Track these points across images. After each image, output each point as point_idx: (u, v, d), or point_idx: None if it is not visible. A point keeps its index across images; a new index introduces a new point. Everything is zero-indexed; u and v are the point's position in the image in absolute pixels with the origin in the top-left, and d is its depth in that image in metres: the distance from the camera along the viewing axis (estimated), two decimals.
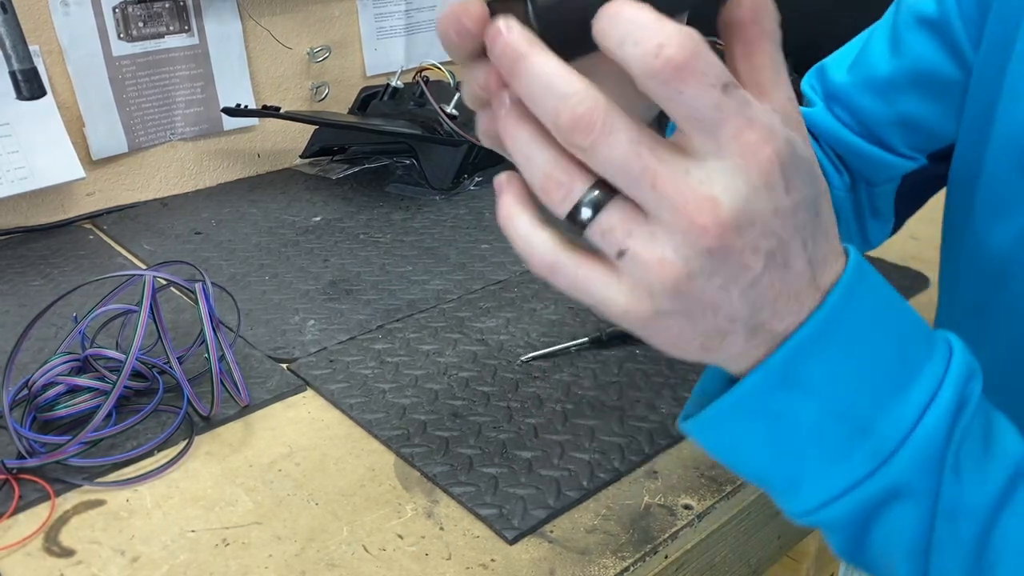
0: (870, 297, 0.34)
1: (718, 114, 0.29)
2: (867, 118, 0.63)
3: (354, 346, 0.79)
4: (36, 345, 0.78)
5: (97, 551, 0.56)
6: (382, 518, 0.59)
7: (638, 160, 0.30)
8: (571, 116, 0.29)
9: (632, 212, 0.31)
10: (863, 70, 0.63)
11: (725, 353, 0.33)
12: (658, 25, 0.28)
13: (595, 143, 0.30)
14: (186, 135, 1.17)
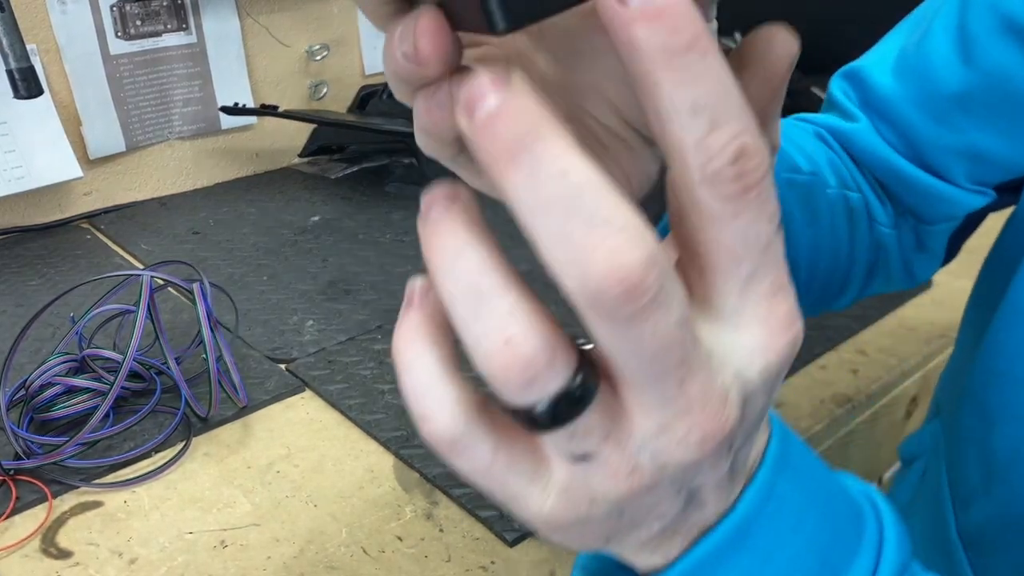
0: (794, 484, 0.27)
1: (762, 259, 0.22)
2: (921, 142, 0.50)
3: (353, 347, 0.79)
4: (33, 345, 0.78)
5: (95, 553, 0.56)
6: (381, 520, 0.59)
7: (681, 349, 0.21)
8: (615, 266, 0.19)
9: (616, 411, 0.22)
10: (919, 80, 0.50)
11: (625, 548, 0.26)
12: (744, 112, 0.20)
13: (641, 316, 0.19)
14: (184, 134, 1.17)
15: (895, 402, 0.79)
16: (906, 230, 0.55)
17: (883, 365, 0.78)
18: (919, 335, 0.83)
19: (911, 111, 0.50)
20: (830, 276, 0.50)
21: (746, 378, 0.22)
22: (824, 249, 0.48)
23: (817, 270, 0.48)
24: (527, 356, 0.20)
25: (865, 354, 0.80)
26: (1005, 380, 0.47)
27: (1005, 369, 0.47)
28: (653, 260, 0.19)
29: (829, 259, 0.49)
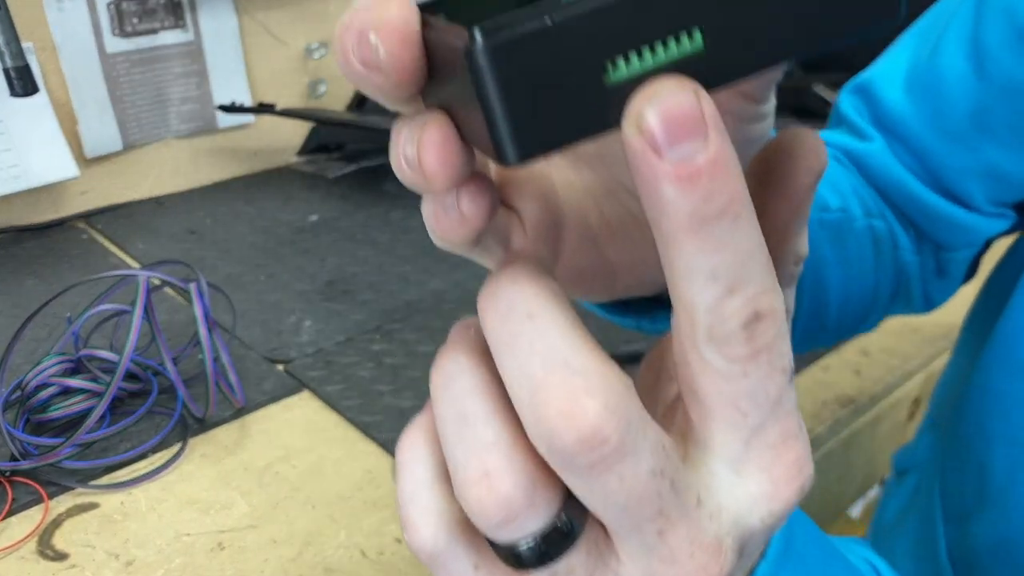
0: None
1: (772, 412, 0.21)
2: (937, 163, 0.48)
3: (351, 347, 0.78)
4: (29, 346, 0.77)
5: (91, 555, 0.55)
6: (380, 521, 0.58)
7: (656, 500, 0.20)
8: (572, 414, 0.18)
9: (602, 553, 0.21)
10: (932, 97, 0.47)
11: None
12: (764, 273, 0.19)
13: (604, 466, 0.19)
14: (181, 133, 1.16)
15: (898, 403, 0.79)
16: (927, 255, 0.53)
17: (886, 366, 0.78)
18: (922, 335, 0.83)
19: (925, 131, 0.48)
20: (857, 307, 0.48)
21: (746, 526, 0.21)
22: (853, 284, 0.47)
23: (847, 305, 0.47)
24: (505, 493, 0.19)
25: (868, 355, 0.80)
26: (1004, 400, 0.46)
27: (1004, 389, 0.45)
28: (613, 408, 0.18)
29: (857, 292, 0.48)
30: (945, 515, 0.50)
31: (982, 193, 0.47)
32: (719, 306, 0.18)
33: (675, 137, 0.16)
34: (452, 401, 0.21)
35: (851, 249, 0.47)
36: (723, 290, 0.18)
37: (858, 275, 0.47)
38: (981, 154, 0.46)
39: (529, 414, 0.19)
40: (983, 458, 0.47)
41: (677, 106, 0.16)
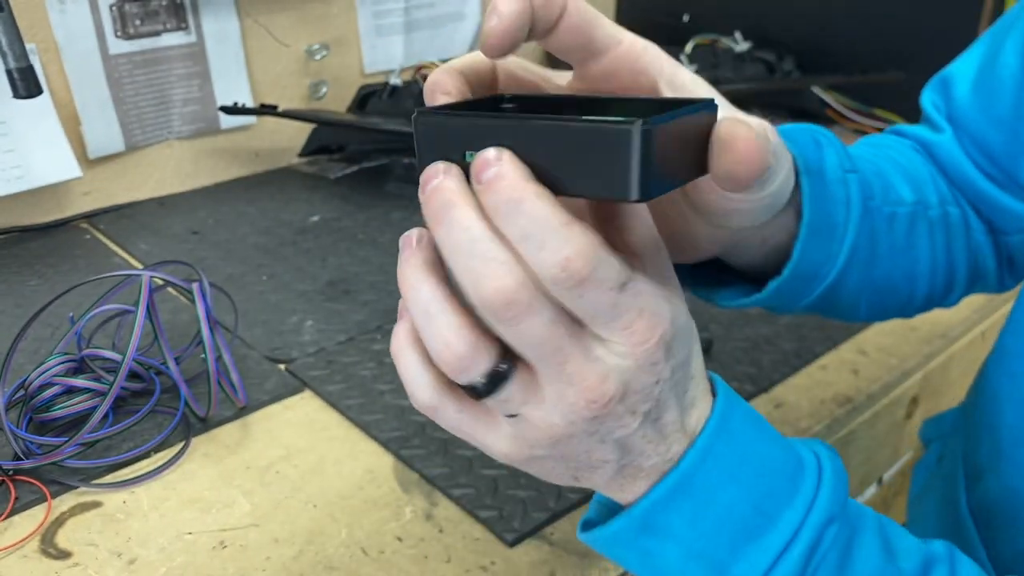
0: (731, 446, 0.35)
1: (614, 311, 0.31)
2: (998, 153, 0.53)
3: (352, 347, 0.78)
4: (32, 346, 0.78)
5: (94, 553, 0.56)
6: (381, 520, 0.58)
7: (555, 341, 0.31)
8: (496, 289, 0.30)
9: (529, 383, 0.32)
10: (990, 90, 0.53)
11: (596, 484, 0.36)
12: (564, 233, 0.29)
13: (517, 320, 0.30)
14: (183, 134, 1.17)
15: (896, 402, 0.79)
16: (999, 242, 0.57)
17: (884, 365, 0.78)
18: (920, 335, 0.83)
19: (987, 124, 0.53)
20: (932, 284, 0.54)
21: (624, 367, 0.32)
22: (923, 265, 0.52)
23: (917, 284, 0.53)
24: (459, 353, 0.31)
25: (866, 354, 0.80)
26: (1014, 360, 0.49)
27: (1015, 349, 0.49)
28: (522, 283, 0.30)
29: (928, 272, 0.53)
30: (965, 474, 0.54)
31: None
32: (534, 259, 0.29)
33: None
34: (417, 303, 0.32)
35: (920, 237, 0.52)
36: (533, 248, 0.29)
37: (928, 257, 0.52)
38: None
39: (472, 292, 0.30)
40: (994, 418, 0.50)
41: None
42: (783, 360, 0.77)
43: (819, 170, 0.44)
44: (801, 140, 0.45)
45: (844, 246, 0.46)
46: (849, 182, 0.46)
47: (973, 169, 0.54)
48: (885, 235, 0.49)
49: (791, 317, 0.84)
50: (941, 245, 0.53)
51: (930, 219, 0.52)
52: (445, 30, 1.42)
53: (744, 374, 0.75)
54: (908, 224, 0.51)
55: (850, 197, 0.46)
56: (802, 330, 0.82)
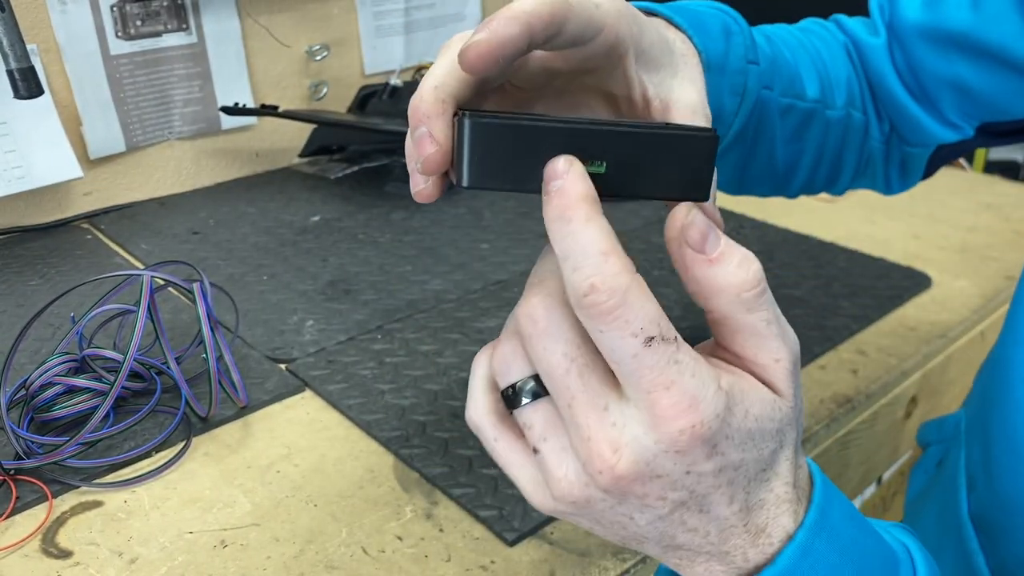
0: (831, 543, 0.33)
1: (635, 364, 0.28)
2: (922, 69, 0.57)
3: (353, 346, 0.79)
4: (33, 345, 0.78)
5: (95, 552, 0.56)
6: (381, 520, 0.59)
7: (564, 376, 0.30)
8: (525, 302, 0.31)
9: (552, 415, 0.31)
10: (935, 15, 0.56)
11: (648, 552, 0.34)
12: (598, 260, 0.28)
13: (532, 339, 0.30)
14: (184, 134, 1.17)
15: (895, 402, 0.79)
16: (894, 147, 0.62)
17: (883, 365, 0.78)
18: (919, 335, 0.83)
19: (920, 41, 0.56)
20: (812, 175, 0.59)
21: (642, 443, 0.29)
22: (807, 157, 0.57)
23: (797, 171, 0.58)
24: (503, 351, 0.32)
25: (865, 354, 0.80)
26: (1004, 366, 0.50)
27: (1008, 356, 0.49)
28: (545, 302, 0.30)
29: (811, 164, 0.58)
30: (968, 480, 0.55)
31: (951, 102, 0.57)
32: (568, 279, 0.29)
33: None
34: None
35: (813, 132, 0.56)
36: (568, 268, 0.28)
37: (816, 150, 0.57)
38: (954, 68, 0.55)
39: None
40: (986, 421, 0.51)
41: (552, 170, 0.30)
42: None
43: (720, 65, 0.47)
44: (713, 31, 0.47)
45: (730, 131, 0.50)
46: (749, 72, 0.49)
47: (896, 79, 0.58)
48: (776, 123, 0.53)
49: (789, 318, 0.83)
50: (833, 143, 0.58)
51: (827, 118, 0.57)
52: (445, 31, 1.42)
53: None
54: (802, 118, 0.55)
55: (747, 87, 0.49)
56: (801, 330, 0.82)
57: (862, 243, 1.00)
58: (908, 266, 0.94)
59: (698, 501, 0.31)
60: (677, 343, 0.29)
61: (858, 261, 0.96)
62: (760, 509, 0.32)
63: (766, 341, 0.32)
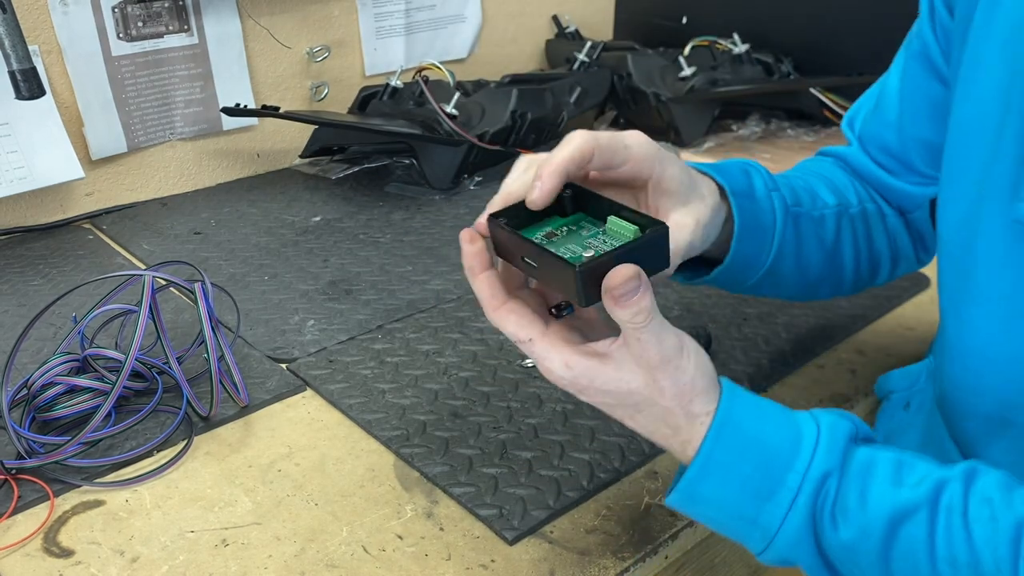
0: (736, 433, 0.48)
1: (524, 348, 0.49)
2: (890, 148, 0.69)
3: (354, 346, 0.79)
4: (35, 345, 0.78)
5: (96, 551, 0.56)
6: (382, 518, 0.59)
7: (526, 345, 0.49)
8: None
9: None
10: (883, 109, 0.69)
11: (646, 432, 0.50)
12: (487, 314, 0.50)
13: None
14: (185, 135, 1.17)
15: None
16: (909, 220, 0.71)
17: (881, 365, 0.78)
18: (917, 334, 0.83)
19: (883, 129, 0.69)
20: (858, 270, 0.69)
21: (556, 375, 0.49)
22: (848, 255, 0.67)
23: (844, 270, 0.68)
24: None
25: (863, 354, 0.80)
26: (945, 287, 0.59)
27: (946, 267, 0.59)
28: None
29: (853, 260, 0.68)
30: (938, 397, 0.62)
31: (920, 159, 0.67)
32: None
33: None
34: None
35: (844, 231, 0.67)
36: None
37: (851, 247, 0.67)
38: (911, 133, 0.67)
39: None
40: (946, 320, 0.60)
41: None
42: (781, 360, 0.78)
43: (747, 191, 0.59)
44: (732, 172, 0.59)
45: (774, 243, 0.61)
46: (774, 198, 0.61)
47: (875, 167, 0.70)
48: (814, 233, 0.64)
49: (788, 318, 0.84)
50: (863, 236, 0.68)
51: (852, 216, 0.68)
52: (445, 32, 1.42)
53: (743, 373, 0.75)
54: (835, 222, 0.66)
55: (775, 208, 0.61)
56: (800, 330, 0.82)
57: None
58: None
59: (612, 414, 0.49)
60: (531, 342, 0.48)
61: None
62: (654, 427, 0.49)
63: (638, 344, 0.47)
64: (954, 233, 0.56)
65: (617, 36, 1.67)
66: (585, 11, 1.63)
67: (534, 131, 1.24)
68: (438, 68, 1.22)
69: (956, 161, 0.56)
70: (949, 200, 0.57)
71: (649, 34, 1.59)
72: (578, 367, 0.47)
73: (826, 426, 0.49)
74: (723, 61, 1.35)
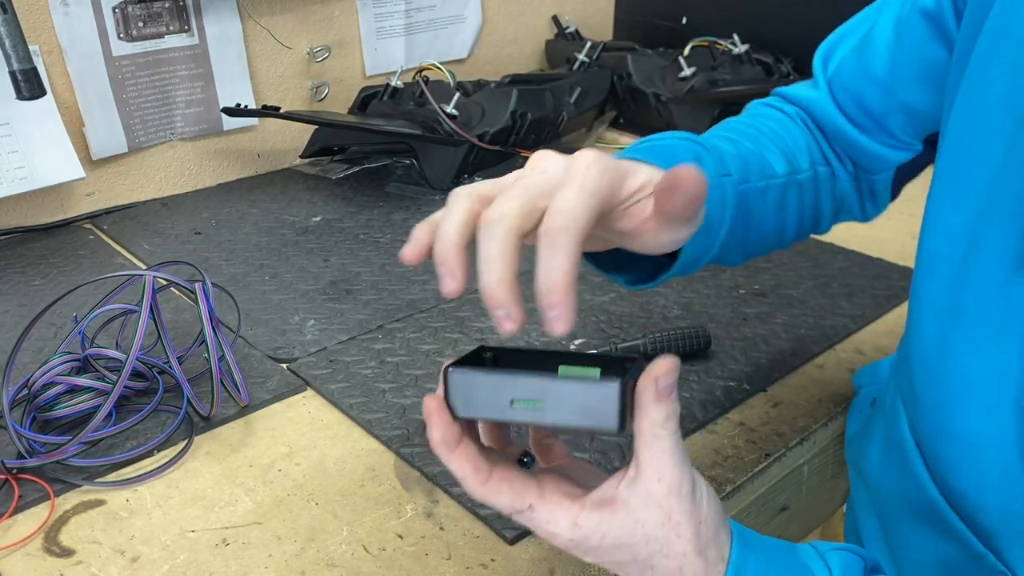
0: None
1: (521, 519, 0.43)
2: (869, 106, 0.64)
3: (354, 346, 0.79)
4: (36, 345, 0.78)
5: (97, 551, 0.56)
6: (382, 518, 0.59)
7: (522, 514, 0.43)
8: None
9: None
10: (867, 59, 0.63)
11: None
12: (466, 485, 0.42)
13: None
14: (186, 135, 1.17)
15: None
16: (862, 181, 0.68)
17: None
18: None
19: (862, 83, 0.64)
20: (800, 229, 0.66)
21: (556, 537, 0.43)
22: (791, 219, 0.64)
23: (786, 232, 0.65)
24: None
25: (862, 353, 0.80)
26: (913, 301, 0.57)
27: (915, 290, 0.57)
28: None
29: (796, 222, 0.65)
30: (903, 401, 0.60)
31: (901, 126, 0.63)
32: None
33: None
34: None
35: (790, 199, 0.64)
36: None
37: (796, 212, 0.64)
38: (898, 97, 0.62)
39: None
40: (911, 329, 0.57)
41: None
42: (780, 360, 0.78)
43: None
44: (684, 158, 0.53)
45: (720, 235, 0.56)
46: (724, 185, 0.56)
47: (845, 121, 0.65)
48: (759, 205, 0.60)
49: (788, 318, 0.84)
50: (810, 200, 0.66)
51: (800, 183, 0.64)
52: (446, 32, 1.42)
53: (742, 373, 0.75)
54: (780, 193, 0.62)
55: (725, 198, 0.56)
56: (799, 330, 0.82)
57: (859, 243, 1.00)
58: (906, 266, 0.95)
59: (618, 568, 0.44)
60: (531, 509, 0.42)
61: (856, 261, 0.96)
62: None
63: (658, 462, 0.41)
64: (945, 243, 0.53)
65: (617, 36, 1.68)
66: (585, 11, 1.63)
67: (534, 131, 1.24)
68: (438, 68, 1.22)
69: (955, 168, 0.52)
70: (944, 209, 0.53)
71: (649, 34, 1.59)
72: (588, 524, 0.41)
73: (838, 570, 0.45)
74: (723, 61, 1.35)
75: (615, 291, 0.89)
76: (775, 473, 0.68)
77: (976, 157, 0.50)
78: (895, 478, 0.61)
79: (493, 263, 0.38)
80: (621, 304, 0.87)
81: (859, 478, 0.69)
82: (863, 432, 0.70)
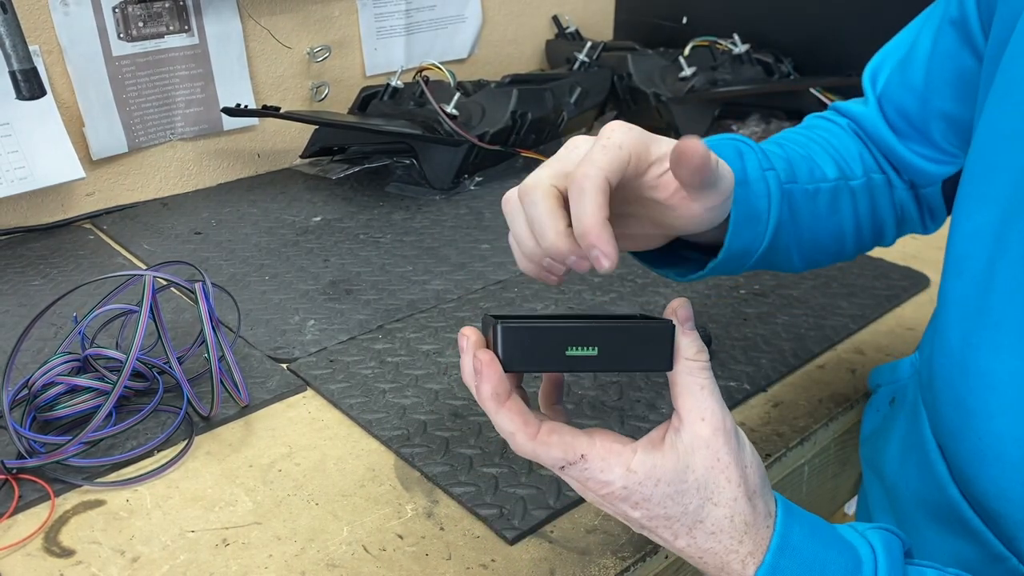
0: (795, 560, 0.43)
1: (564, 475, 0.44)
2: (910, 114, 0.66)
3: (354, 346, 0.79)
4: (36, 345, 0.78)
5: (97, 551, 0.56)
6: (382, 518, 0.59)
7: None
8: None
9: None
10: (908, 71, 0.66)
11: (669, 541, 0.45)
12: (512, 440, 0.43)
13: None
14: (186, 135, 1.17)
15: None
16: (919, 193, 0.69)
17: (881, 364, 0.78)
18: (917, 334, 0.83)
19: (906, 93, 0.66)
20: (859, 238, 0.66)
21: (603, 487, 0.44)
22: (847, 225, 0.65)
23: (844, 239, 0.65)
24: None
25: (863, 353, 0.80)
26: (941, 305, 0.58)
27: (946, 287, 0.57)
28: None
29: (853, 230, 0.65)
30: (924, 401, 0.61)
31: (940, 133, 0.64)
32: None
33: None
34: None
35: (843, 203, 0.64)
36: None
37: (852, 217, 0.65)
38: (934, 106, 0.63)
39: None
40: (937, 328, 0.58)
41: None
42: (781, 360, 0.78)
43: (742, 179, 0.55)
44: (727, 155, 0.55)
45: (769, 227, 0.57)
46: (768, 179, 0.57)
47: (891, 134, 0.66)
48: (808, 207, 0.61)
49: (789, 318, 0.84)
50: (866, 208, 0.66)
51: (853, 188, 0.65)
52: (446, 32, 1.42)
53: (742, 373, 0.75)
54: (831, 196, 0.63)
55: (769, 191, 0.57)
56: (800, 330, 0.82)
57: None
58: (906, 266, 0.95)
59: (651, 531, 0.44)
60: (583, 459, 0.43)
61: (856, 261, 0.96)
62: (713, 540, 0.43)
63: (697, 402, 0.43)
64: (972, 244, 0.53)
65: (617, 36, 1.68)
66: (585, 11, 1.63)
67: (534, 131, 1.24)
68: (438, 68, 1.22)
69: (983, 170, 0.53)
70: (971, 210, 0.54)
71: (649, 34, 1.59)
72: (641, 468, 0.42)
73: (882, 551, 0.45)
74: (723, 61, 1.35)
75: (615, 291, 0.89)
76: (775, 473, 0.68)
77: (1002, 160, 0.51)
78: (914, 478, 0.61)
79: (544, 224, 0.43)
80: (622, 304, 0.87)
81: (875, 477, 0.69)
82: (881, 431, 0.70)
